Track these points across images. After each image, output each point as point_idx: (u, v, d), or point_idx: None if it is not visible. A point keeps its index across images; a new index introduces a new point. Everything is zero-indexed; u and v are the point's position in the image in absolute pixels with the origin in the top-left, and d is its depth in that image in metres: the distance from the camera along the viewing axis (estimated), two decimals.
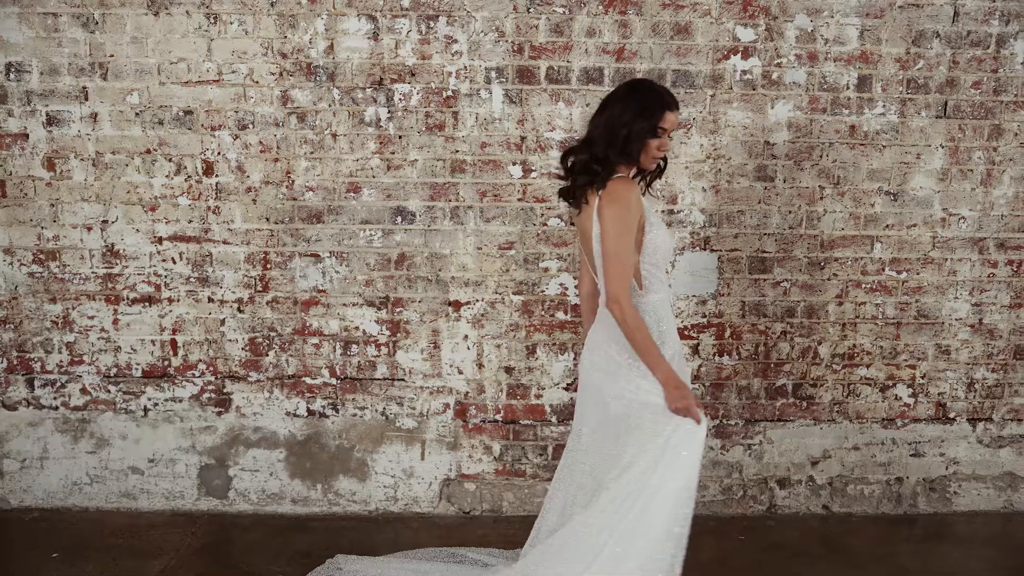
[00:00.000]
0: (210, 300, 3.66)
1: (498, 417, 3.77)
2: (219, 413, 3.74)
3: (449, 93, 3.55)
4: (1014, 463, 3.91)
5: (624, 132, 2.52)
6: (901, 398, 3.85)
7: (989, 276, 3.77)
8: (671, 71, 3.54)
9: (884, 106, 3.63)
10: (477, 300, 3.68)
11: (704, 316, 3.74)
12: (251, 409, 3.74)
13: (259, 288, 3.66)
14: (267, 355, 3.71)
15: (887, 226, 3.72)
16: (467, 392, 3.75)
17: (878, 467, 3.89)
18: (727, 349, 3.73)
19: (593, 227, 2.57)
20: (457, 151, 3.58)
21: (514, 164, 3.59)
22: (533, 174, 3.60)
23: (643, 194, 2.69)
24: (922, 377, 3.84)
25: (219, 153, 3.56)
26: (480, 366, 3.72)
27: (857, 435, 3.86)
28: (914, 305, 3.78)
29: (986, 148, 3.68)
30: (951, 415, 3.87)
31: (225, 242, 3.62)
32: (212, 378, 3.71)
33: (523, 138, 3.58)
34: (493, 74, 3.54)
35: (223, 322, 3.68)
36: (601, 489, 2.57)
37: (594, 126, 2.61)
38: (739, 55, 3.56)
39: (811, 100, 3.61)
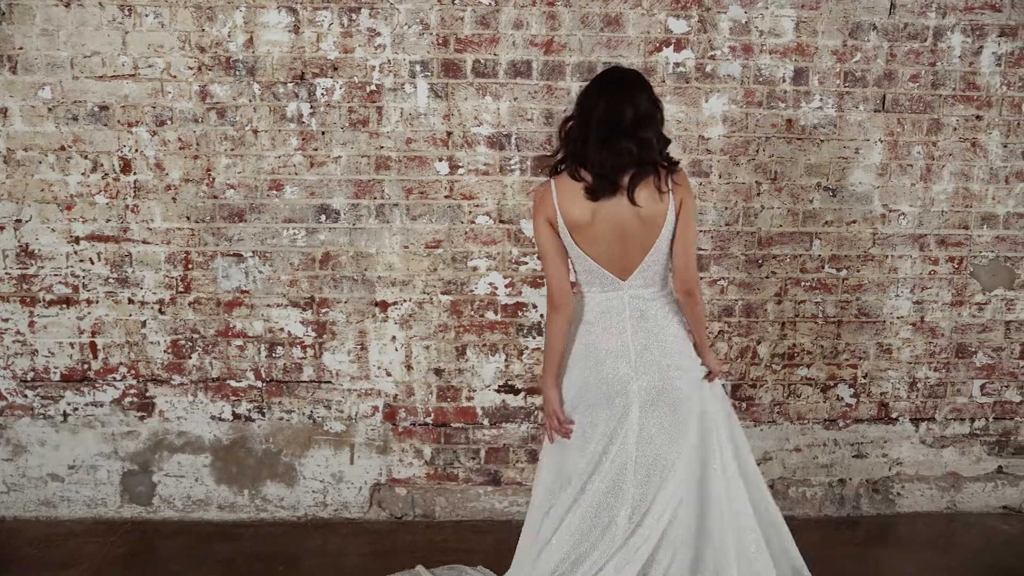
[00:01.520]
0: (130, 301, 3.55)
1: (428, 420, 3.67)
2: (142, 418, 3.63)
3: (373, 88, 3.45)
4: (957, 463, 3.84)
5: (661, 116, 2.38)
6: (843, 398, 3.77)
7: (930, 273, 3.70)
8: (601, 64, 3.44)
9: (821, 99, 3.55)
10: (404, 300, 3.58)
11: None
12: (175, 413, 3.64)
13: (181, 289, 3.55)
14: (190, 358, 3.60)
15: (826, 222, 3.64)
16: (396, 395, 3.65)
17: (820, 469, 3.81)
18: None
19: (669, 212, 2.35)
20: (382, 147, 3.48)
21: (440, 160, 3.50)
22: (460, 170, 3.51)
23: None
24: (864, 377, 3.76)
25: (137, 150, 3.45)
26: (409, 368, 3.63)
27: (798, 436, 3.78)
28: (855, 303, 3.70)
29: (925, 143, 3.60)
30: (893, 415, 3.79)
31: (145, 242, 3.52)
32: (134, 382, 3.61)
33: (449, 133, 3.48)
34: (418, 68, 3.44)
35: (144, 324, 3.57)
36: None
37: (641, 103, 2.32)
38: (672, 47, 3.47)
39: (746, 93, 3.53)
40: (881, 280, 3.69)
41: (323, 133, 3.47)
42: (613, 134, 2.26)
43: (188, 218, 3.51)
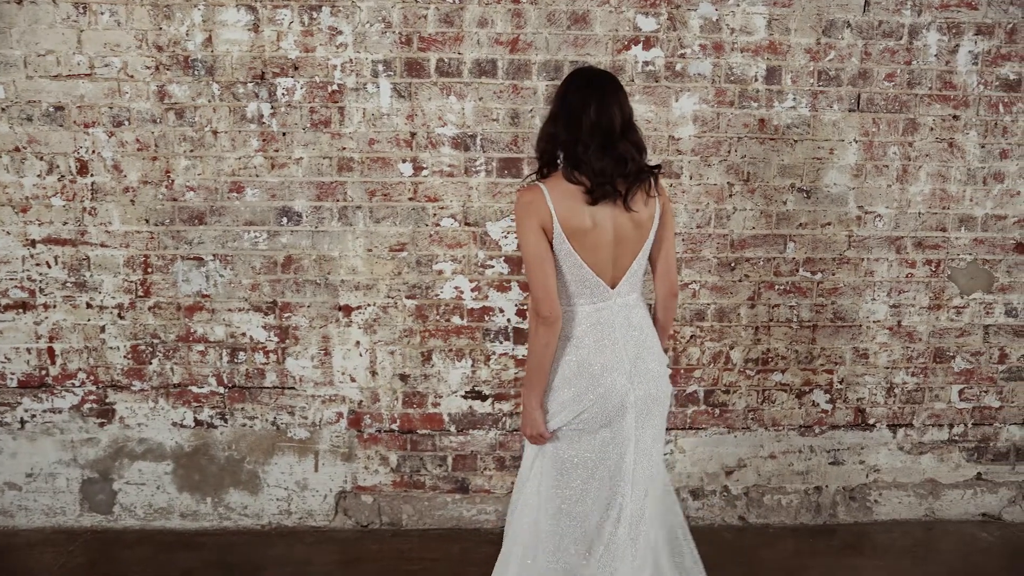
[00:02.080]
0: (89, 306, 3.48)
1: (394, 427, 3.60)
2: (102, 424, 3.56)
3: (335, 87, 3.37)
4: (935, 470, 3.76)
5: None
6: (819, 404, 3.69)
7: (907, 276, 3.62)
8: (568, 63, 3.37)
9: (794, 99, 3.47)
10: (369, 304, 3.50)
11: None
12: (135, 420, 3.56)
13: (140, 293, 3.48)
14: (151, 363, 3.53)
15: (800, 224, 3.56)
16: (361, 401, 3.58)
17: (796, 476, 3.73)
18: None
19: (656, 216, 2.34)
20: (344, 148, 3.40)
21: (404, 162, 3.42)
22: (424, 172, 3.43)
23: None
24: (840, 382, 3.68)
25: (94, 151, 3.38)
26: (373, 373, 3.55)
27: (773, 443, 3.70)
28: (830, 307, 3.62)
29: (901, 143, 3.52)
30: (870, 421, 3.72)
31: (103, 245, 3.44)
32: (93, 388, 3.54)
33: (413, 134, 3.40)
34: (380, 67, 3.36)
35: (103, 329, 3.50)
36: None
37: (626, 106, 2.27)
38: (640, 45, 3.39)
39: (717, 93, 3.45)
40: (857, 283, 3.61)
41: (284, 134, 3.39)
42: (610, 140, 2.20)
43: (147, 221, 3.43)
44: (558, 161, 2.29)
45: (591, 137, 2.20)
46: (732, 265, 3.56)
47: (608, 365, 2.30)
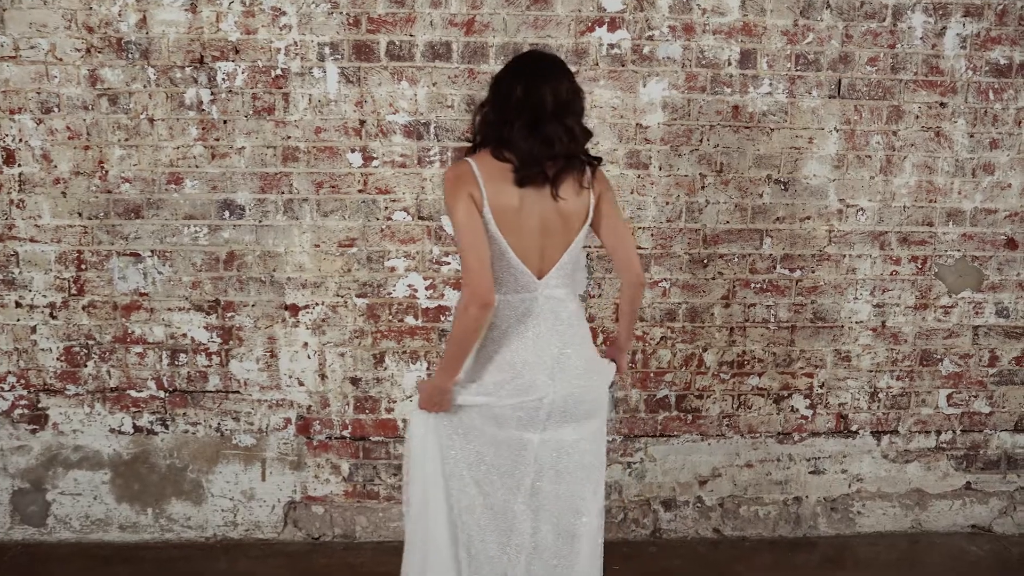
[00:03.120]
0: (18, 305, 3.27)
1: (346, 433, 3.39)
2: (33, 431, 3.35)
3: (278, 72, 3.16)
4: (922, 479, 3.55)
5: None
6: (798, 410, 3.48)
7: (892, 274, 3.40)
8: (528, 45, 3.15)
9: (771, 84, 3.25)
10: (317, 304, 3.29)
11: None
12: (70, 426, 3.35)
13: (73, 291, 3.27)
14: (86, 366, 3.32)
15: (777, 219, 3.34)
16: (310, 406, 3.36)
17: (774, 486, 3.52)
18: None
19: (589, 209, 2.21)
20: (289, 137, 3.19)
21: (353, 151, 3.21)
22: (375, 162, 3.21)
23: None
24: (820, 386, 3.47)
25: (21, 140, 3.16)
26: (323, 377, 3.34)
27: (750, 451, 3.49)
28: (810, 307, 3.41)
29: (885, 132, 3.30)
30: (853, 428, 3.50)
31: (33, 240, 3.23)
32: (24, 392, 3.33)
33: (362, 122, 3.19)
34: (327, 50, 3.15)
35: (34, 329, 3.29)
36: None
37: (561, 88, 2.13)
38: (605, 27, 3.18)
39: (688, 77, 3.23)
40: (838, 282, 3.40)
41: (225, 122, 3.18)
42: (539, 119, 2.07)
43: (80, 214, 3.22)
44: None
45: (517, 116, 2.07)
46: (705, 262, 3.34)
47: (530, 360, 2.18)
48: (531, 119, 2.06)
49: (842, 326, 3.43)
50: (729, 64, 3.23)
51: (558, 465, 2.25)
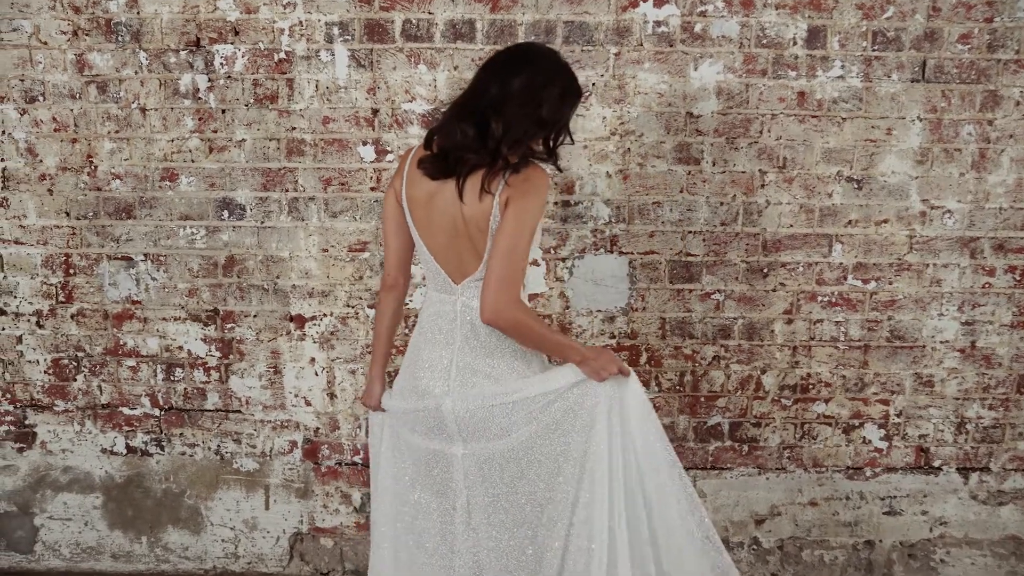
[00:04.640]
0: (3, 312, 3.00)
1: (357, 459, 3.05)
2: (20, 450, 3.08)
3: (282, 55, 2.83)
4: (1019, 525, 3.07)
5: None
6: (871, 441, 3.03)
7: (984, 287, 2.94)
8: (562, 23, 2.77)
9: (843, 67, 2.81)
10: (325, 315, 2.95)
11: (613, 336, 2.96)
12: (59, 445, 3.08)
13: (62, 299, 2.99)
14: (75, 380, 3.03)
15: (849, 222, 2.90)
16: (318, 428, 3.03)
17: (842, 527, 3.08)
18: (643, 378, 2.93)
19: (492, 217, 1.96)
20: (294, 128, 2.86)
21: (365, 144, 2.86)
22: (389, 156, 2.87)
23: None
24: (897, 415, 3.01)
25: (4, 132, 2.89)
26: (332, 396, 3.00)
27: (814, 487, 3.06)
28: (886, 323, 2.96)
29: (978, 121, 2.84)
30: (936, 463, 3.04)
31: (17, 242, 2.96)
32: (10, 408, 3.06)
33: (375, 111, 2.84)
34: (336, 30, 2.81)
35: (20, 340, 3.02)
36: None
37: (512, 83, 1.96)
38: (651, 2, 2.78)
39: (746, 59, 2.81)
40: (920, 295, 2.94)
41: (224, 111, 2.86)
42: (461, 113, 1.94)
43: (67, 214, 2.94)
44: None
45: (452, 104, 1.98)
46: (764, 271, 2.92)
47: (429, 365, 2.05)
48: (455, 111, 1.95)
49: (924, 346, 2.98)
50: (794, 43, 2.80)
51: (498, 475, 2.05)
